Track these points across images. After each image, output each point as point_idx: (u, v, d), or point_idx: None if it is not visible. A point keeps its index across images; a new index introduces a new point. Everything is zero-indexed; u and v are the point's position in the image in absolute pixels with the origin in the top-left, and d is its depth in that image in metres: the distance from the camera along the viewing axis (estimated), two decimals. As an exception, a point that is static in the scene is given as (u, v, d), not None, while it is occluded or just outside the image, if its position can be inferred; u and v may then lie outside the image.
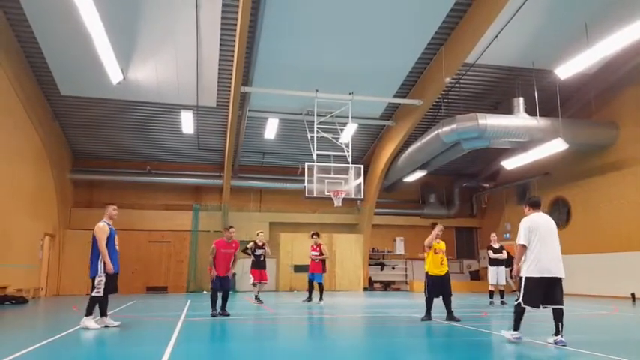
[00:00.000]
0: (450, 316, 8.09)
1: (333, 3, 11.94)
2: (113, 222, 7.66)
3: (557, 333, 5.67)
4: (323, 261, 12.55)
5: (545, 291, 5.77)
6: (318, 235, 13.09)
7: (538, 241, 5.87)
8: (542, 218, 6.08)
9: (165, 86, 14.90)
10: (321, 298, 12.35)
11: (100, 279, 7.18)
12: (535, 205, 6.24)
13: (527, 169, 17.46)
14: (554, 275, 5.78)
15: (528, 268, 5.86)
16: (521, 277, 5.94)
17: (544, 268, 5.78)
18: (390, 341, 6.45)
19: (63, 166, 17.79)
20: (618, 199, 15.16)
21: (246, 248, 12.28)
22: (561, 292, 5.81)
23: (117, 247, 7.53)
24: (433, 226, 8.41)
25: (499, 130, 14.05)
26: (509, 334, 5.88)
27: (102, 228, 7.34)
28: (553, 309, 5.77)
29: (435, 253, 8.16)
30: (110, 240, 7.36)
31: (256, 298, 12.44)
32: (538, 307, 5.81)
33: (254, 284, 12.41)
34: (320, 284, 12.58)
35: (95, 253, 7.26)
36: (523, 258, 5.95)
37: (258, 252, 12.29)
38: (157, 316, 9.67)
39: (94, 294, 7.18)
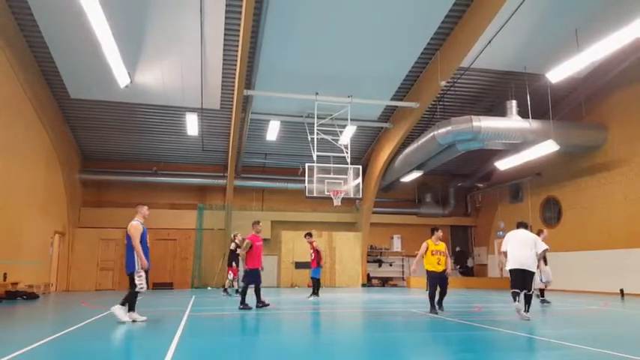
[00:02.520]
0: (439, 305, 9.10)
1: (333, 10, 12.36)
2: (145, 221, 7.91)
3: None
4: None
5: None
6: (310, 235, 13.74)
7: None
8: None
9: (170, 89, 15.34)
10: (312, 294, 12.97)
11: (140, 275, 7.41)
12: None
13: (520, 169, 17.97)
14: None
15: None
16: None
17: None
18: (390, 335, 6.70)
19: (72, 167, 18.28)
20: (607, 198, 15.63)
21: (237, 247, 13.69)
22: None
23: (148, 245, 7.77)
24: (433, 230, 9.23)
25: (493, 132, 14.49)
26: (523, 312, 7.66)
27: (136, 227, 7.57)
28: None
29: (432, 254, 8.95)
30: (143, 238, 7.60)
31: (237, 291, 13.54)
32: None
33: (234, 280, 14.22)
34: (312, 279, 13.35)
35: (130, 250, 7.48)
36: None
37: (238, 250, 13.42)
38: (162, 311, 9.89)
39: (137, 289, 7.38)
